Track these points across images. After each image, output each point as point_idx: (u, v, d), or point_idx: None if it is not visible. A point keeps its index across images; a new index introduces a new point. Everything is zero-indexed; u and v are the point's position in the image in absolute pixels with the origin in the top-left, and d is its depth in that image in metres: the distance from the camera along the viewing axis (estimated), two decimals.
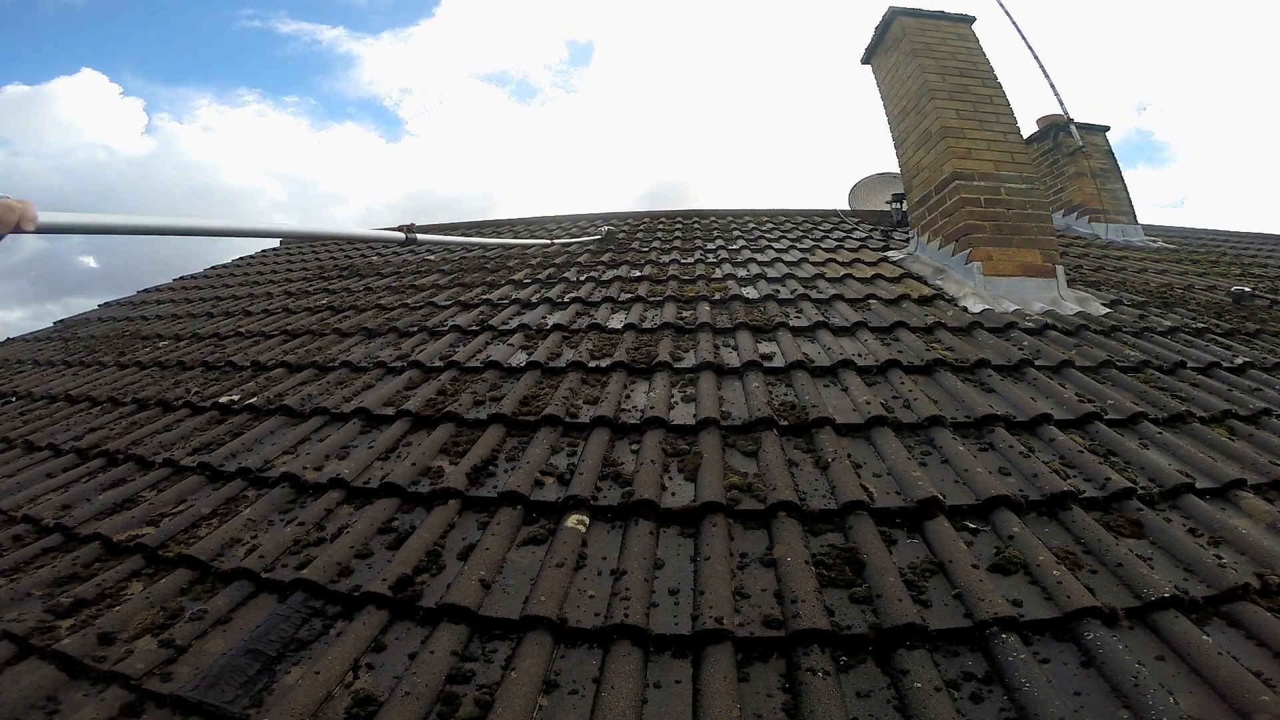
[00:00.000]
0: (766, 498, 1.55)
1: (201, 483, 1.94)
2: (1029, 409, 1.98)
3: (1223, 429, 1.98)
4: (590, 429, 1.95)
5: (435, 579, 1.37)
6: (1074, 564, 1.34)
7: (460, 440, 1.97)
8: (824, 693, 1.04)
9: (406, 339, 3.05)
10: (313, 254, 6.10)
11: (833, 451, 1.74)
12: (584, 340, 2.72)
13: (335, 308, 3.84)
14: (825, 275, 3.61)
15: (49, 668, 1.21)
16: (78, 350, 3.96)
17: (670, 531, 1.50)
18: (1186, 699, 1.03)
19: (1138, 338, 2.74)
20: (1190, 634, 1.14)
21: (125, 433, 2.43)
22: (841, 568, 1.33)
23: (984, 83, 3.64)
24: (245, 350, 3.27)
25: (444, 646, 1.18)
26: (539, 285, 3.76)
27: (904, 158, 3.97)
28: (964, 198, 3.35)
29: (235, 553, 1.52)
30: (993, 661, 1.12)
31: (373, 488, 1.74)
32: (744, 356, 2.39)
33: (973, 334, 2.69)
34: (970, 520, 1.51)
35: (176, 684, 1.14)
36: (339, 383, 2.60)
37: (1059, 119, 5.68)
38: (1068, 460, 1.74)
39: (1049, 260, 3.30)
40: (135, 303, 5.13)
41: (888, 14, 3.89)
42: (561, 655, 1.18)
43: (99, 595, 1.44)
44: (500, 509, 1.59)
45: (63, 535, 1.73)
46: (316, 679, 1.10)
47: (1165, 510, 1.56)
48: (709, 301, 3.13)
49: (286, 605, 1.33)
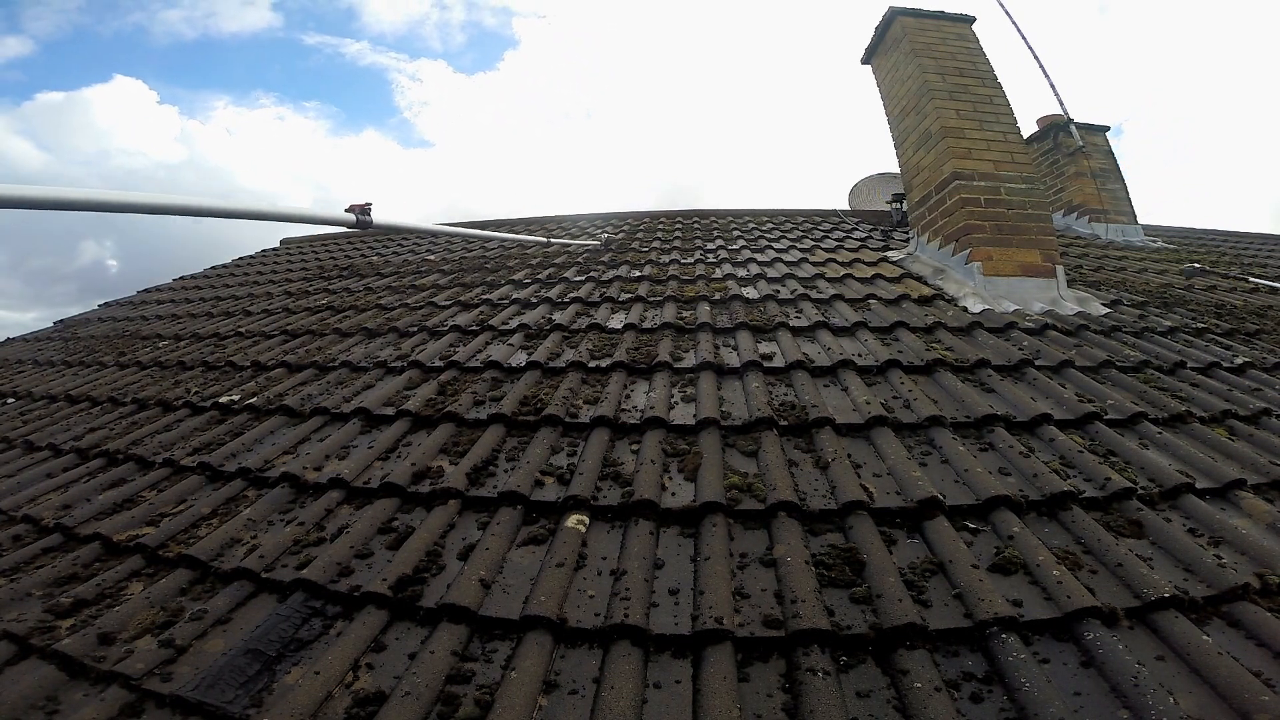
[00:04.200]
0: (766, 498, 1.55)
1: (201, 483, 1.94)
2: (1029, 409, 1.98)
3: (1223, 429, 1.98)
4: (590, 429, 1.95)
5: (435, 579, 1.37)
6: (1074, 564, 1.34)
7: (460, 440, 1.97)
8: (824, 693, 1.04)
9: (406, 339, 3.06)
10: (313, 254, 6.11)
11: (833, 451, 1.74)
12: (584, 340, 2.72)
13: (335, 308, 3.85)
14: (825, 275, 3.61)
15: (49, 668, 1.21)
16: (78, 350, 3.96)
17: (670, 531, 1.50)
18: (1186, 699, 1.03)
19: (1138, 338, 2.74)
20: (1190, 634, 1.14)
21: (125, 433, 2.43)
22: (841, 568, 1.33)
23: (984, 83, 3.64)
24: (245, 350, 3.27)
25: (444, 646, 1.18)
26: (539, 285, 3.76)
27: (904, 158, 3.97)
28: (964, 198, 3.35)
29: (235, 553, 1.52)
30: (993, 661, 1.12)
31: (373, 488, 1.74)
32: (744, 356, 2.39)
33: (973, 334, 2.69)
34: (970, 520, 1.51)
35: (176, 684, 1.14)
36: (339, 383, 2.60)
37: (1059, 119, 5.68)
38: (1068, 460, 1.74)
39: (1049, 260, 3.30)
40: (135, 303, 5.13)
41: (888, 14, 3.89)
42: (561, 655, 1.18)
43: (99, 595, 1.44)
44: (500, 509, 1.60)
45: (63, 535, 1.73)
46: (316, 679, 1.10)
47: (1165, 510, 1.56)
48: (709, 301, 3.13)
49: (286, 605, 1.33)
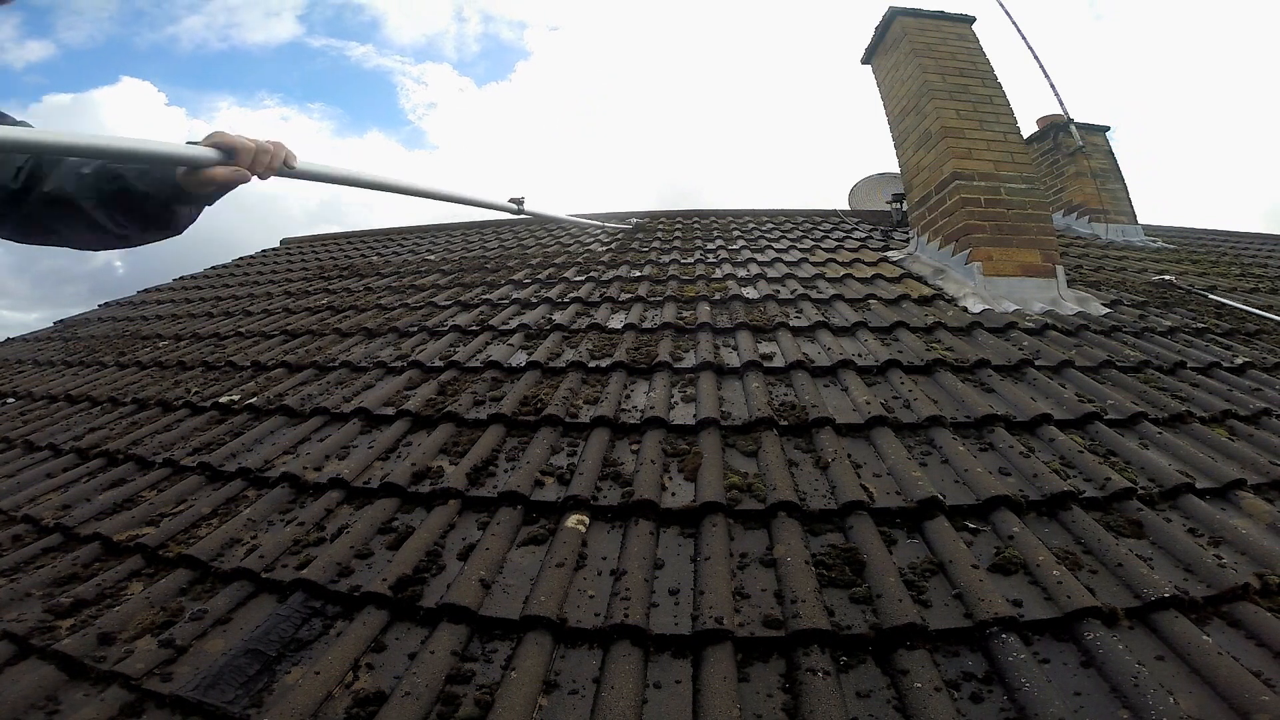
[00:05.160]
0: (766, 498, 1.55)
1: (201, 483, 1.94)
2: (1029, 409, 1.98)
3: (1223, 429, 1.98)
4: (590, 429, 1.95)
5: (435, 579, 1.37)
6: (1074, 564, 1.34)
7: (460, 440, 1.97)
8: (824, 693, 1.04)
9: (406, 339, 3.06)
10: (313, 254, 6.11)
11: (833, 451, 1.74)
12: (584, 340, 2.72)
13: (335, 308, 3.85)
14: (825, 275, 3.61)
15: (49, 668, 1.21)
16: (78, 350, 3.95)
17: (670, 531, 1.50)
18: (1186, 699, 1.03)
19: (1138, 338, 2.74)
20: (1190, 634, 1.14)
21: (125, 433, 2.43)
22: (841, 568, 1.33)
23: (984, 83, 3.64)
24: (245, 350, 3.27)
25: (444, 646, 1.18)
26: (539, 285, 3.76)
27: (904, 158, 3.97)
28: (964, 198, 3.35)
29: (235, 553, 1.52)
30: (993, 661, 1.12)
31: (373, 488, 1.74)
32: (744, 356, 2.39)
33: (973, 334, 2.69)
34: (970, 520, 1.51)
35: (176, 684, 1.14)
36: (339, 383, 2.60)
37: (1059, 119, 5.68)
38: (1068, 460, 1.74)
39: (1049, 260, 3.30)
40: (135, 303, 5.13)
41: (888, 14, 3.89)
42: (561, 655, 1.18)
43: (99, 595, 1.44)
44: (500, 509, 1.59)
45: (63, 535, 1.73)
46: (316, 679, 1.10)
47: (1165, 510, 1.56)
48: (709, 301, 3.13)
49: (286, 605, 1.33)
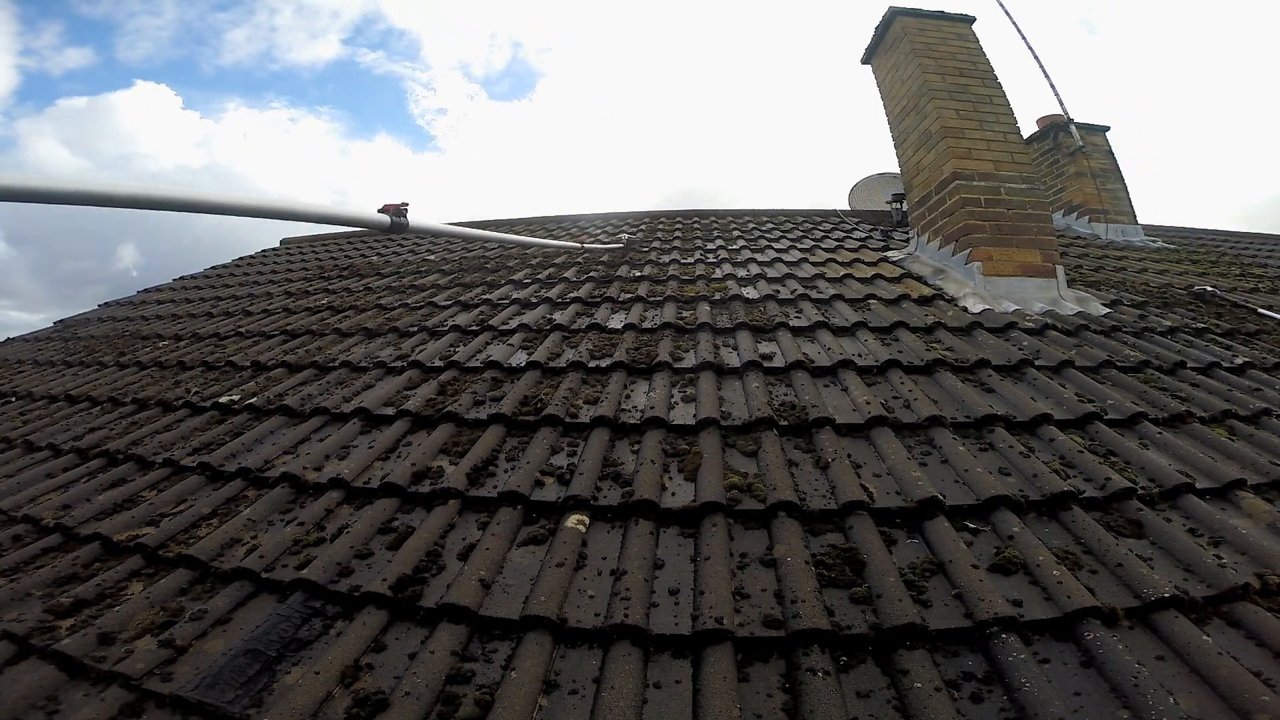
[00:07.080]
0: (766, 498, 1.55)
1: (201, 483, 1.94)
2: (1029, 409, 1.98)
3: (1223, 429, 1.98)
4: (590, 429, 1.95)
5: (435, 579, 1.37)
6: (1074, 564, 1.34)
7: (460, 440, 1.97)
8: (824, 693, 1.04)
9: (406, 339, 3.05)
10: (313, 254, 6.11)
11: (833, 452, 1.74)
12: (584, 340, 2.72)
13: (335, 308, 3.85)
14: (825, 275, 3.61)
15: (49, 668, 1.21)
16: (78, 350, 3.96)
17: (670, 532, 1.50)
18: (1186, 699, 1.03)
19: (1138, 338, 2.74)
20: (1190, 634, 1.14)
21: (125, 433, 2.43)
22: (841, 568, 1.33)
23: (984, 83, 3.64)
24: (245, 350, 3.27)
25: (444, 646, 1.18)
26: (539, 285, 3.76)
27: (904, 158, 3.97)
28: (964, 198, 3.35)
29: (235, 553, 1.52)
30: (993, 661, 1.12)
31: (373, 488, 1.74)
32: (744, 356, 2.39)
33: (973, 334, 2.69)
34: (970, 520, 1.51)
35: (176, 684, 1.14)
36: (339, 383, 2.60)
37: (1059, 119, 5.68)
38: (1068, 460, 1.74)
39: (1049, 260, 3.30)
40: (135, 303, 5.13)
41: (888, 14, 3.89)
42: (561, 655, 1.18)
43: (99, 595, 1.44)
44: (500, 509, 1.59)
45: (63, 535, 1.73)
46: (316, 679, 1.10)
47: (1165, 510, 1.56)
48: (709, 301, 3.13)
49: (286, 605, 1.33)
